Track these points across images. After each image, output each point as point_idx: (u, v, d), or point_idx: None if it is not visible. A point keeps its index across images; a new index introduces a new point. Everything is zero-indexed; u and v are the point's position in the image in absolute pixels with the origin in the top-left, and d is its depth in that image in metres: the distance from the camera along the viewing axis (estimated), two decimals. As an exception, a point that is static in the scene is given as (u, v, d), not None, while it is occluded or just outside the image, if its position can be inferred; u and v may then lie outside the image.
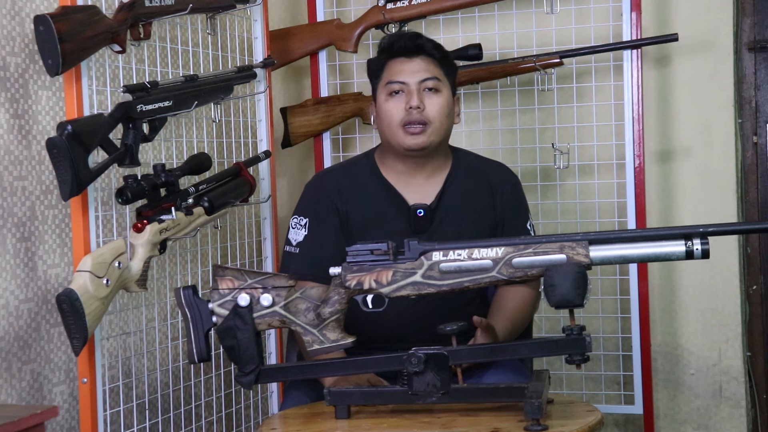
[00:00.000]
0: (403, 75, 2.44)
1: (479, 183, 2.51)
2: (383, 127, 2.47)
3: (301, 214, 2.50)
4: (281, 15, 3.42)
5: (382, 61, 2.49)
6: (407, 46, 2.46)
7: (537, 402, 1.88)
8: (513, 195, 2.54)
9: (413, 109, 2.40)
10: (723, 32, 3.36)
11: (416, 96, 2.41)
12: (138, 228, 2.26)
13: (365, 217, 2.46)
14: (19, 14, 2.31)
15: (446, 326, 2.01)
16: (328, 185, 2.52)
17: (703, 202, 3.37)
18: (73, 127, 2.05)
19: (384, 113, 2.46)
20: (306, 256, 2.44)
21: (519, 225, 2.51)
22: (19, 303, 2.28)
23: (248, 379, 2.04)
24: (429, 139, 2.42)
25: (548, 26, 3.24)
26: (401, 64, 2.45)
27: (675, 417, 3.42)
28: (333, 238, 2.45)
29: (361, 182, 2.50)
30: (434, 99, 2.43)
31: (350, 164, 2.62)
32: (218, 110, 2.63)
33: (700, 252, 1.89)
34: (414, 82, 2.43)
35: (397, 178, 2.49)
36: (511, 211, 2.52)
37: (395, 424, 1.96)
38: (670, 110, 3.39)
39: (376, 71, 2.51)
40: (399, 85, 2.44)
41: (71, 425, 2.41)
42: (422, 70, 2.44)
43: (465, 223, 2.46)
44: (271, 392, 2.86)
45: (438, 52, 2.48)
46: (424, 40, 2.49)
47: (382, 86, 2.47)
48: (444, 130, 2.46)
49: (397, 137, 2.43)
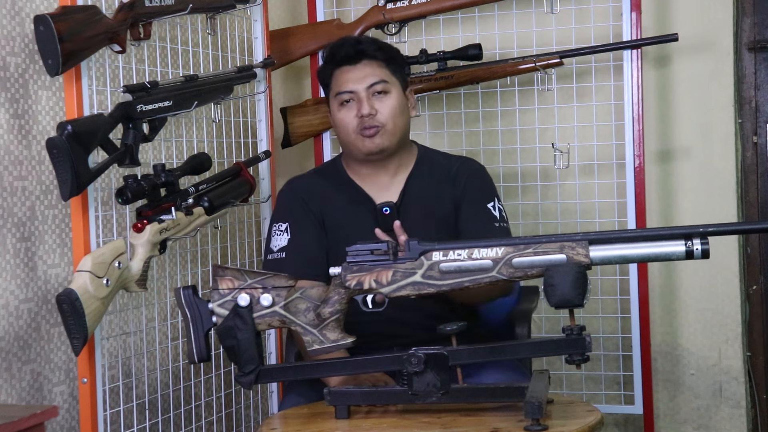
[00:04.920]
0: (350, 83, 2.44)
1: (442, 176, 2.51)
2: (341, 136, 2.48)
3: (279, 221, 2.49)
4: (281, 15, 3.42)
5: (329, 71, 2.49)
6: (349, 54, 2.46)
7: (537, 402, 1.88)
8: (473, 177, 2.51)
9: (365, 117, 2.41)
10: (723, 32, 3.36)
11: (366, 103, 2.42)
12: (138, 228, 2.26)
13: (337, 217, 2.47)
14: (19, 14, 2.31)
15: (446, 326, 2.01)
16: (301, 188, 2.52)
17: (703, 202, 3.37)
18: (73, 127, 2.05)
19: (338, 123, 2.47)
20: (296, 258, 2.42)
21: (478, 204, 2.47)
22: (19, 303, 2.28)
23: (248, 379, 2.03)
24: (385, 142, 2.43)
25: (548, 26, 3.23)
26: (347, 73, 2.45)
27: (675, 417, 3.42)
28: (315, 238, 2.45)
29: (331, 185, 2.51)
30: (384, 101, 2.44)
31: (319, 170, 2.66)
32: (218, 110, 2.63)
33: (700, 252, 1.89)
34: (362, 88, 2.43)
35: (363, 179, 2.50)
36: (470, 191, 2.48)
37: (395, 424, 1.96)
38: (670, 110, 3.39)
39: (324, 82, 2.52)
40: (348, 95, 2.44)
41: (71, 425, 2.41)
42: (368, 75, 2.44)
43: (430, 216, 2.45)
44: (271, 392, 2.86)
45: (381, 53, 2.47)
46: (365, 43, 2.48)
47: (333, 97, 2.48)
48: (399, 129, 2.45)
49: (356, 144, 2.44)
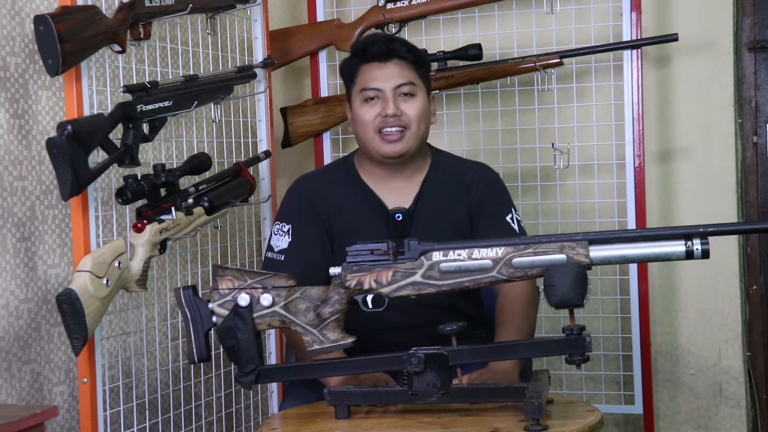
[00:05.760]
0: (378, 81, 2.40)
1: (456, 183, 2.48)
2: (359, 133, 2.43)
3: (283, 221, 2.46)
4: (281, 15, 3.42)
5: (355, 65, 2.45)
6: (380, 51, 2.41)
7: (537, 402, 1.88)
8: (489, 189, 2.49)
9: (389, 117, 2.38)
10: (723, 32, 3.36)
11: (392, 103, 2.38)
12: (138, 228, 2.26)
13: (345, 221, 2.43)
14: (19, 14, 2.31)
15: (446, 326, 2.01)
16: (308, 190, 2.48)
17: (703, 202, 3.37)
18: (73, 127, 2.05)
19: (359, 119, 2.42)
20: (291, 264, 2.38)
21: (497, 218, 2.46)
22: (19, 303, 2.28)
23: (248, 379, 2.03)
24: (407, 146, 2.40)
25: (548, 26, 3.24)
26: (375, 70, 2.41)
27: (675, 417, 3.42)
28: (317, 244, 2.42)
29: (341, 187, 2.47)
30: (410, 104, 2.40)
31: (329, 169, 2.62)
32: (218, 110, 2.63)
33: (700, 252, 1.89)
34: (389, 88, 2.39)
35: (376, 182, 2.46)
36: (488, 204, 2.47)
37: (395, 424, 1.96)
38: (670, 110, 3.39)
39: (349, 75, 2.46)
40: (374, 92, 2.40)
41: (71, 425, 2.41)
42: (397, 75, 2.40)
43: (443, 223, 2.43)
44: (271, 392, 2.86)
45: (411, 55, 2.43)
46: (397, 43, 2.44)
47: (357, 92, 2.43)
48: (421, 133, 2.42)
49: (374, 144, 2.40)
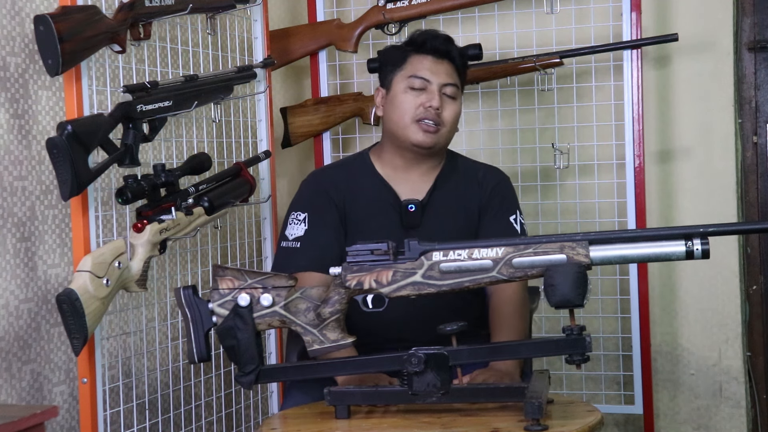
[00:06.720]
0: (429, 73, 2.45)
1: (469, 180, 2.53)
2: (394, 117, 2.47)
3: (299, 210, 2.49)
4: (281, 15, 3.41)
5: (407, 53, 2.49)
6: (439, 48, 2.47)
7: (537, 402, 1.88)
8: (498, 188, 2.54)
9: (432, 109, 2.42)
10: (723, 32, 3.36)
11: (437, 97, 2.43)
12: (138, 228, 2.26)
13: (359, 210, 2.47)
14: (19, 14, 2.31)
15: (446, 326, 2.01)
16: (325, 180, 2.53)
17: (703, 202, 3.37)
18: (73, 127, 2.05)
19: (399, 104, 2.46)
20: (308, 250, 2.43)
21: (501, 216, 2.51)
22: (19, 303, 2.28)
23: (248, 379, 2.04)
24: (438, 140, 2.45)
25: (548, 26, 3.24)
26: (429, 62, 2.46)
27: (675, 417, 3.42)
28: (333, 232, 2.45)
29: (356, 178, 2.51)
30: (450, 105, 2.46)
31: (344, 161, 2.67)
32: (218, 110, 2.63)
33: (700, 252, 1.89)
34: (437, 83, 2.44)
35: (391, 172, 2.50)
36: (494, 202, 2.52)
37: (395, 424, 1.96)
38: (670, 110, 3.39)
39: (396, 61, 2.50)
40: (422, 82, 2.45)
41: (71, 425, 2.41)
42: (446, 74, 2.46)
43: (455, 218, 2.47)
44: (271, 392, 2.86)
45: (461, 62, 2.51)
46: (453, 46, 2.51)
47: (403, 77, 2.47)
48: (451, 135, 2.49)
49: (409, 130, 2.44)
